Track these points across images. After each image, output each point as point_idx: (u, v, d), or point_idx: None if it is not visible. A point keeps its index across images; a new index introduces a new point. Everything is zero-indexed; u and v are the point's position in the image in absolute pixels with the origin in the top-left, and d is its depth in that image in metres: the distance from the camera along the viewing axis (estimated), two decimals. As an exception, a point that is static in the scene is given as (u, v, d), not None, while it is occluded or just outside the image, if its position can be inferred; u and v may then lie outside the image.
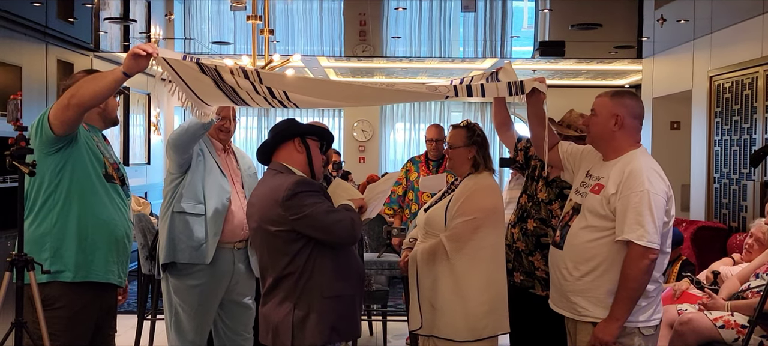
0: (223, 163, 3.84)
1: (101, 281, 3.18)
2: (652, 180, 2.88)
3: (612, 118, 3.00)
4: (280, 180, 2.93)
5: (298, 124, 3.15)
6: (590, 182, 3.07)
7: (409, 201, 5.86)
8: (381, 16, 7.12)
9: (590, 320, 2.96)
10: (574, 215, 3.08)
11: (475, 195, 3.37)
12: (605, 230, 2.93)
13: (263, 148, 3.13)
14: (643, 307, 2.93)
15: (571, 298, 3.01)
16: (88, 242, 3.13)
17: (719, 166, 6.85)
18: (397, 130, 12.59)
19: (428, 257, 3.39)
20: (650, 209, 2.82)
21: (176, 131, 3.63)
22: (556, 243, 3.14)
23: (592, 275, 2.95)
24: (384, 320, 5.91)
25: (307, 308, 2.90)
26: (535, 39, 8.23)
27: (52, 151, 3.07)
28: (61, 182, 3.11)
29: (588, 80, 11.21)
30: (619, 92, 3.11)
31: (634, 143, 3.04)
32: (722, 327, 4.22)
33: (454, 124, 3.59)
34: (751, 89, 6.31)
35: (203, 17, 7.23)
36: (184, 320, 3.74)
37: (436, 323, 3.36)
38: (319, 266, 2.91)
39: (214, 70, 2.92)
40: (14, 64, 6.38)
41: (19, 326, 2.97)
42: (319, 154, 3.16)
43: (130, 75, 2.94)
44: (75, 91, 3.00)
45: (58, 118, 3.01)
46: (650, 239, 2.81)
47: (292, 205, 2.84)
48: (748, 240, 4.93)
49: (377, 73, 11.06)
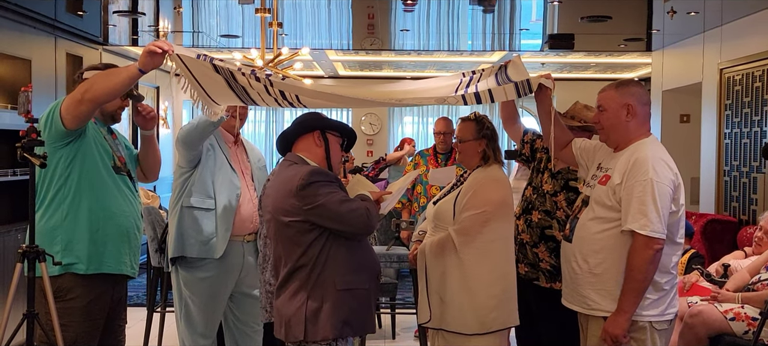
0: (233, 156, 3.85)
1: (113, 272, 3.21)
2: (656, 169, 2.84)
3: (623, 109, 2.98)
4: (294, 170, 2.91)
5: (320, 118, 3.12)
6: (599, 174, 3.05)
7: (417, 194, 5.87)
8: (389, 9, 7.11)
9: (601, 315, 2.93)
10: (583, 206, 3.07)
11: (484, 188, 3.36)
12: (612, 221, 2.90)
13: (283, 137, 3.12)
14: (654, 301, 2.89)
15: (582, 291, 3.00)
16: (99, 233, 3.16)
17: (729, 159, 6.82)
18: (405, 123, 12.57)
19: (437, 251, 3.38)
20: (654, 198, 2.79)
21: (185, 128, 3.64)
22: (566, 236, 3.13)
23: (601, 266, 2.93)
24: (393, 313, 5.92)
25: (320, 300, 2.86)
26: (544, 32, 8.20)
27: (62, 144, 3.08)
28: (70, 174, 3.13)
29: (597, 73, 11.16)
30: (622, 83, 3.08)
31: (644, 132, 3.01)
32: (733, 320, 4.20)
33: (463, 117, 3.57)
34: (762, 82, 6.27)
35: (211, 11, 7.23)
36: (194, 313, 3.76)
37: (445, 316, 3.35)
38: (333, 258, 2.88)
39: (228, 71, 2.94)
40: (24, 57, 6.39)
41: (31, 318, 2.99)
42: (338, 150, 3.13)
43: (145, 71, 2.97)
44: (89, 86, 3.01)
45: (71, 113, 3.03)
46: (653, 228, 2.78)
47: (307, 194, 2.82)
48: (757, 233, 4.91)
49: (385, 66, 11.04)
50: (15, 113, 5.77)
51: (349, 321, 2.90)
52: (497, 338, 3.33)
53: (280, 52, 6.56)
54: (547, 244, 3.59)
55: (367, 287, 2.98)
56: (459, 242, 3.30)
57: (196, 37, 8.42)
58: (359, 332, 3.01)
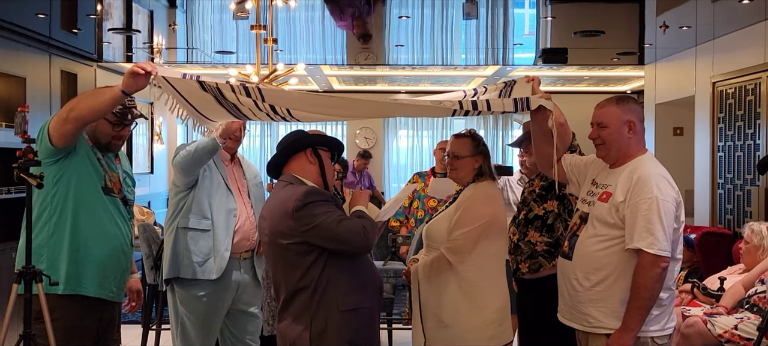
0: (229, 174, 3.84)
1: (92, 295, 3.15)
2: (660, 187, 2.85)
3: (625, 126, 2.98)
4: (290, 192, 2.87)
5: (308, 135, 3.09)
6: (597, 191, 3.03)
7: (415, 209, 5.90)
8: (383, 24, 7.13)
9: (604, 332, 2.92)
10: (582, 224, 3.05)
11: (473, 205, 3.30)
12: (615, 239, 2.90)
13: (273, 163, 3.07)
14: (656, 316, 2.90)
15: (583, 309, 2.98)
16: (80, 253, 3.11)
17: (723, 171, 6.85)
18: (400, 137, 12.58)
19: (430, 272, 3.32)
20: (660, 216, 2.79)
21: (182, 154, 3.62)
22: (564, 253, 3.10)
23: (603, 284, 2.91)
24: (389, 328, 5.90)
25: (324, 323, 2.83)
26: (538, 46, 8.24)
27: (51, 162, 3.07)
28: (57, 192, 3.11)
29: (590, 86, 11.20)
30: (621, 99, 3.07)
31: (641, 149, 3.02)
32: (728, 342, 4.21)
33: (457, 134, 3.54)
34: (755, 95, 6.31)
35: (206, 27, 7.25)
36: (190, 331, 3.74)
37: (447, 338, 3.27)
38: (334, 279, 2.84)
39: (216, 88, 2.89)
40: (18, 75, 6.39)
41: (28, 339, 2.97)
42: (331, 165, 3.11)
43: (128, 93, 2.94)
44: (74, 105, 3.01)
45: (57, 131, 3.02)
46: (661, 246, 2.78)
47: (303, 215, 2.79)
48: (742, 245, 4.92)
49: (380, 80, 11.06)
50: (10, 131, 5.76)
51: (355, 341, 2.87)
52: None
53: (276, 68, 6.57)
54: (533, 225, 3.60)
55: (371, 305, 2.95)
56: (454, 261, 3.25)
57: (191, 54, 8.42)
58: None
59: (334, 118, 3.83)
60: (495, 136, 12.02)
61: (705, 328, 4.30)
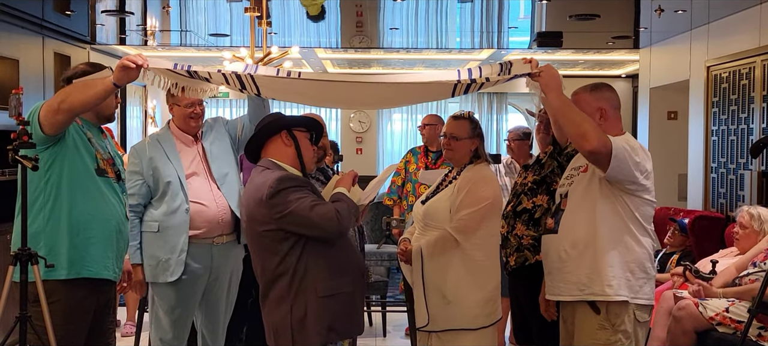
0: (187, 159, 3.69)
1: (95, 276, 3.18)
2: (628, 140, 2.97)
3: (596, 112, 3.04)
4: (264, 177, 2.85)
5: (284, 117, 3.06)
6: (576, 172, 3.13)
7: (406, 192, 5.90)
8: (378, 7, 7.11)
9: (591, 299, 2.98)
10: (564, 199, 3.13)
11: (478, 186, 3.43)
12: (596, 201, 2.98)
13: (250, 146, 3.05)
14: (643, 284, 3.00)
15: (570, 279, 3.04)
16: (80, 237, 3.13)
17: (717, 156, 6.87)
18: (395, 120, 12.57)
19: (436, 250, 3.41)
20: (626, 143, 2.92)
21: None
22: (549, 230, 3.16)
23: (591, 249, 2.98)
24: (383, 311, 5.93)
25: (304, 309, 2.84)
26: (532, 29, 8.23)
27: (42, 149, 3.07)
28: (50, 178, 3.11)
29: (585, 70, 11.22)
30: (596, 86, 3.15)
31: (617, 132, 3.05)
32: (719, 325, 4.25)
33: (455, 115, 3.59)
34: (749, 79, 6.32)
35: (200, 9, 7.20)
36: (162, 319, 3.69)
37: (450, 315, 3.39)
38: (313, 265, 2.84)
39: (206, 75, 2.97)
40: (11, 57, 6.36)
41: (24, 321, 2.98)
42: (309, 146, 3.06)
43: (119, 86, 2.99)
44: (65, 96, 3.03)
45: (48, 120, 3.03)
46: (616, 144, 2.85)
47: (276, 202, 2.77)
48: (735, 229, 4.95)
49: (374, 64, 11.05)
50: (4, 114, 5.74)
51: (334, 327, 2.88)
52: (495, 329, 3.48)
53: (270, 51, 6.55)
54: (520, 218, 3.63)
55: (351, 290, 2.94)
56: (461, 239, 3.38)
57: (185, 36, 8.38)
58: (346, 335, 3.01)
59: (331, 105, 3.84)
60: (489, 120, 12.02)
61: (696, 310, 4.34)
